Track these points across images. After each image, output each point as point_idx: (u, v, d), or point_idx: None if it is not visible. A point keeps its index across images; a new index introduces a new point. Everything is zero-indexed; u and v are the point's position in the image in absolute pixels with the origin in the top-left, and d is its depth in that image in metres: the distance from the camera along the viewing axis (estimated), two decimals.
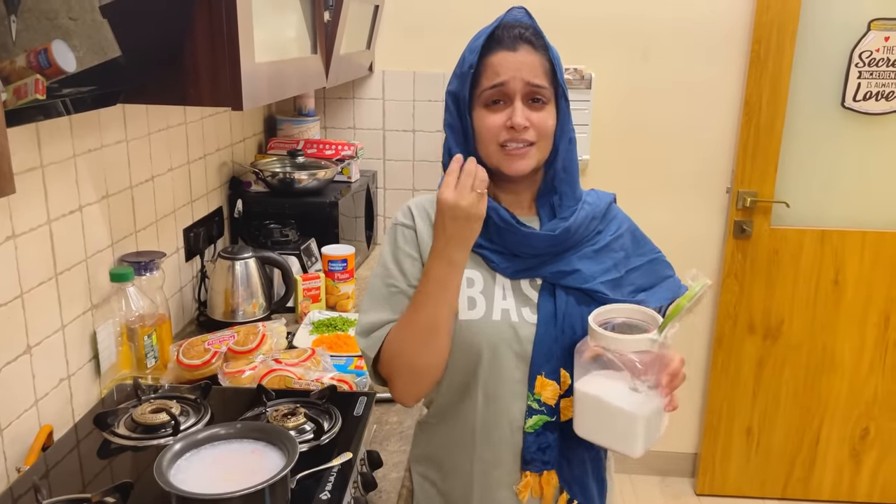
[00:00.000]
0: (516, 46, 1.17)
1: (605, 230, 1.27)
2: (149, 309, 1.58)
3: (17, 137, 1.26)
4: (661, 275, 1.29)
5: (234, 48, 1.25)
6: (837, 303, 2.73)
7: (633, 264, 1.27)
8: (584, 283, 1.20)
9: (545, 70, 1.17)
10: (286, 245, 2.12)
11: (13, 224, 1.26)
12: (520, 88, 1.16)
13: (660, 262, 1.31)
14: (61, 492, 1.10)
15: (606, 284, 1.22)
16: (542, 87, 1.16)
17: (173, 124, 1.85)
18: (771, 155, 2.61)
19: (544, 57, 1.18)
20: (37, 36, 1.11)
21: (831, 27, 2.53)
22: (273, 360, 1.56)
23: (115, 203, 1.59)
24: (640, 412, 1.09)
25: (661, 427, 1.15)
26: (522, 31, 1.18)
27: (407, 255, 1.23)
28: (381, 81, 2.67)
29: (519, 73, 1.16)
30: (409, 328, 1.17)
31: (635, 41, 2.60)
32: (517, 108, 1.15)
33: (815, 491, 2.91)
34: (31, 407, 1.34)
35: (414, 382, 1.21)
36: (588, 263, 1.22)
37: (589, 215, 1.24)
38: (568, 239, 1.21)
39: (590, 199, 1.26)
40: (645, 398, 1.10)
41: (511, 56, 1.16)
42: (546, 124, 1.18)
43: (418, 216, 1.26)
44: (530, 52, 1.17)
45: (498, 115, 1.17)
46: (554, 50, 1.20)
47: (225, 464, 1.07)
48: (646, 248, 1.30)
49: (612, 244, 1.26)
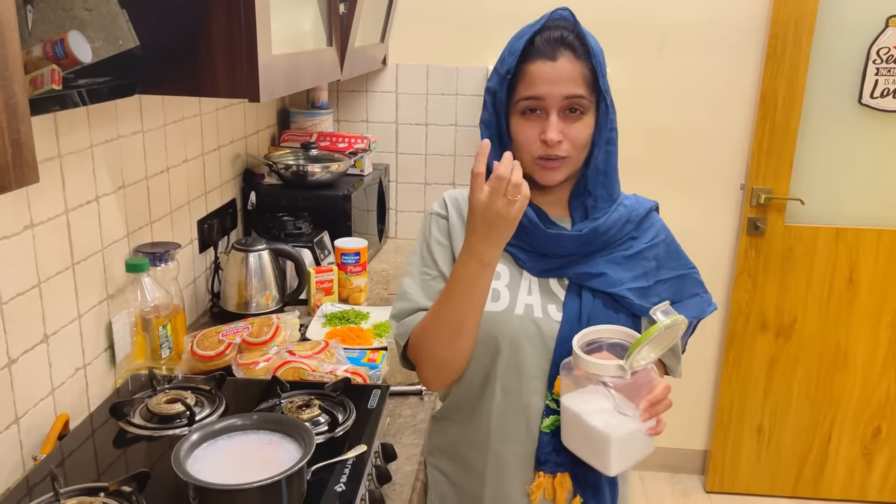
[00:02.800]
0: (556, 55, 1.13)
1: (641, 237, 1.24)
2: (163, 300, 1.59)
3: (37, 127, 1.26)
4: (687, 292, 1.27)
5: (251, 40, 1.25)
6: (851, 301, 2.71)
7: (662, 276, 1.24)
8: (610, 287, 1.20)
9: (585, 79, 1.14)
10: (299, 237, 2.12)
11: (31, 213, 1.27)
12: (556, 102, 1.14)
13: (690, 278, 1.28)
14: (77, 480, 1.11)
15: (634, 291, 1.21)
16: (580, 97, 1.14)
17: (188, 115, 1.86)
18: (786, 152, 2.59)
19: (585, 64, 1.14)
20: (52, 26, 1.12)
21: (848, 24, 2.51)
22: (287, 352, 1.57)
23: (130, 194, 1.59)
24: (614, 433, 1.09)
25: (643, 449, 1.14)
26: (565, 36, 1.15)
27: (439, 243, 1.27)
28: (394, 74, 2.67)
29: (556, 86, 1.13)
30: (435, 322, 1.18)
31: (650, 37, 2.59)
32: (552, 123, 1.13)
33: (826, 490, 2.90)
34: (47, 396, 1.34)
35: (439, 372, 1.23)
36: (616, 268, 1.21)
37: (622, 218, 1.22)
38: (596, 240, 1.20)
39: (627, 202, 1.24)
40: (625, 420, 1.10)
41: (549, 67, 1.13)
42: (581, 137, 1.16)
43: (452, 208, 1.28)
44: (570, 61, 1.14)
45: (533, 127, 1.15)
46: (598, 53, 1.16)
47: (241, 455, 1.07)
48: (678, 262, 1.28)
49: (644, 252, 1.24)
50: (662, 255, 1.25)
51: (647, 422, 1.09)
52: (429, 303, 1.22)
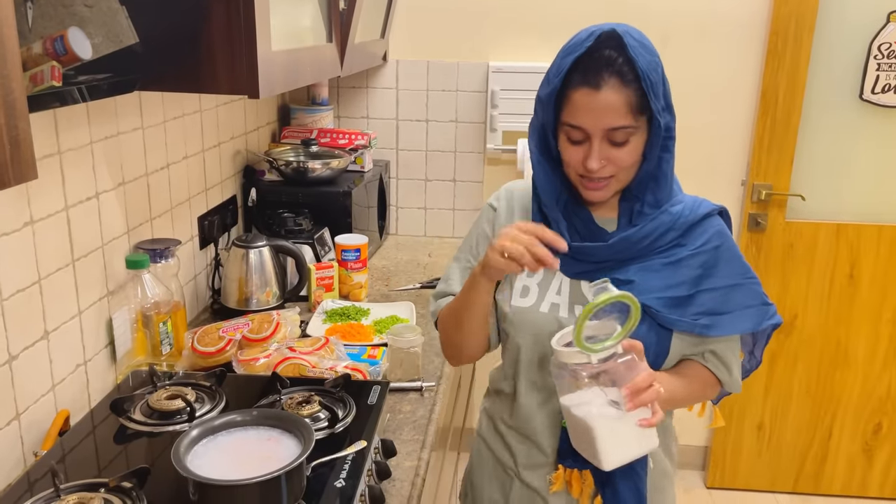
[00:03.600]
0: (600, 83, 1.08)
1: (688, 244, 1.20)
2: (164, 296, 1.59)
3: (36, 124, 1.26)
4: (739, 302, 1.21)
5: (250, 36, 1.25)
6: (852, 297, 2.71)
7: (709, 285, 1.19)
8: (637, 295, 1.14)
9: (631, 106, 1.09)
10: (299, 234, 2.13)
11: (31, 210, 1.27)
12: (598, 132, 1.11)
13: (744, 288, 1.22)
14: (78, 476, 1.11)
15: (663, 301, 1.17)
16: (625, 127, 1.10)
17: (188, 112, 1.86)
18: (787, 147, 2.59)
19: (633, 90, 1.09)
20: (53, 23, 1.12)
21: (850, 19, 2.50)
22: (287, 349, 1.57)
23: (130, 190, 1.59)
24: (597, 424, 1.07)
25: (641, 442, 1.11)
26: (612, 59, 1.09)
27: (484, 234, 1.32)
28: (394, 71, 2.67)
29: (598, 118, 1.10)
30: (451, 308, 1.29)
31: (651, 33, 2.56)
32: (594, 152, 1.11)
33: (827, 486, 2.90)
34: (48, 392, 1.35)
35: (453, 352, 1.35)
36: (649, 276, 1.18)
37: (663, 226, 1.18)
38: (628, 248, 1.18)
39: (676, 208, 1.20)
40: (612, 411, 1.08)
41: (593, 97, 1.09)
42: (626, 161, 1.13)
43: (504, 199, 1.31)
44: (616, 90, 1.08)
45: (577, 151, 1.14)
46: (649, 75, 1.10)
47: (241, 450, 1.08)
48: (732, 271, 1.22)
49: (687, 260, 1.19)
50: (711, 263, 1.20)
51: (634, 412, 1.07)
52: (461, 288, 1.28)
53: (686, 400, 1.27)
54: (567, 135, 1.15)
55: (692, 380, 1.25)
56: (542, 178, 1.20)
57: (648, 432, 1.11)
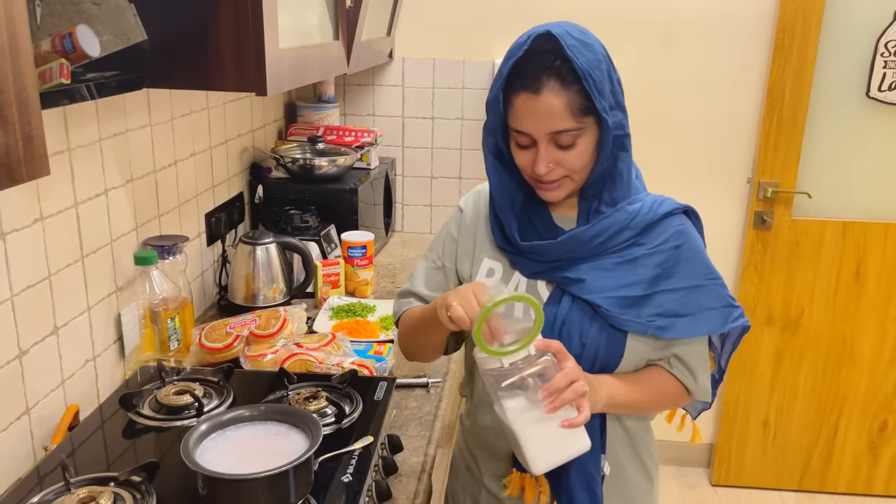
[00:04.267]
0: (540, 87, 1.07)
1: (646, 243, 1.17)
2: (172, 292, 1.60)
3: (46, 121, 1.26)
4: (700, 304, 1.17)
5: (258, 34, 1.26)
6: (858, 295, 2.71)
7: (667, 286, 1.16)
8: (587, 293, 1.15)
9: (573, 109, 1.07)
10: (306, 231, 2.13)
11: (41, 206, 1.28)
12: (543, 137, 1.10)
13: (706, 290, 1.17)
14: (88, 470, 1.12)
15: (615, 301, 1.14)
16: (569, 130, 1.09)
17: (196, 109, 1.87)
18: (793, 145, 2.59)
19: (575, 91, 1.07)
20: (61, 20, 1.12)
21: (857, 16, 2.50)
22: (294, 345, 1.58)
23: (139, 187, 1.60)
24: (521, 428, 1.05)
25: (570, 444, 1.08)
26: (549, 63, 1.07)
27: (450, 236, 1.30)
28: (400, 68, 2.67)
29: (540, 123, 1.08)
30: (411, 319, 1.28)
31: (657, 30, 2.58)
32: (540, 157, 1.11)
33: (832, 483, 2.90)
34: (57, 387, 1.36)
35: (408, 353, 1.35)
36: (600, 275, 1.15)
37: (617, 224, 1.16)
38: (580, 247, 1.16)
39: (633, 207, 1.17)
40: (536, 414, 1.05)
41: (533, 102, 1.08)
42: (576, 163, 1.12)
43: (472, 201, 1.30)
44: (555, 93, 1.07)
45: (527, 155, 1.14)
46: (591, 73, 1.07)
47: (249, 445, 1.08)
48: (694, 272, 1.17)
49: (644, 259, 1.16)
50: (671, 264, 1.16)
51: (558, 413, 1.04)
52: (424, 289, 1.29)
53: (642, 405, 1.21)
54: (515, 139, 1.14)
55: (648, 385, 1.20)
56: (496, 182, 1.20)
57: (577, 433, 1.07)
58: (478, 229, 1.27)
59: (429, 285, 1.30)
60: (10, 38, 0.65)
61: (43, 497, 1.05)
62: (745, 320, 1.20)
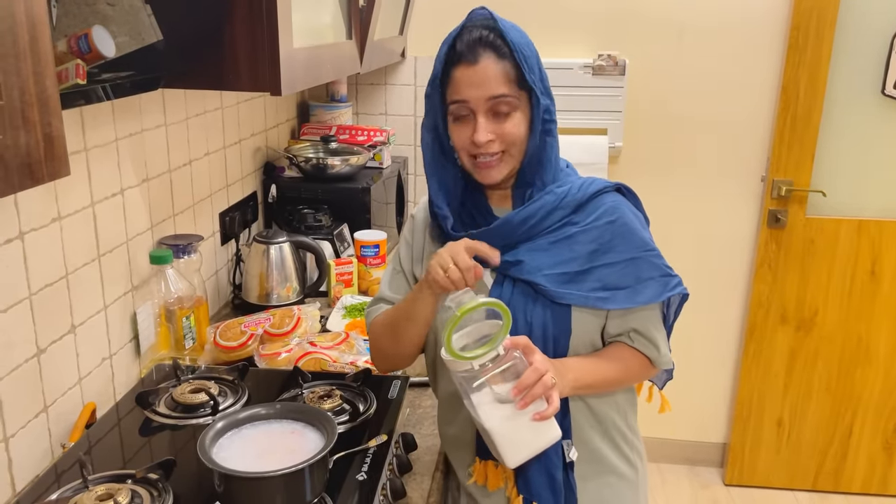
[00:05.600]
0: (477, 57, 1.14)
1: (579, 221, 1.21)
2: (187, 291, 1.61)
3: (63, 121, 1.28)
4: (639, 276, 1.20)
5: (272, 33, 1.26)
6: (874, 294, 2.69)
7: (605, 260, 1.19)
8: (526, 274, 1.18)
9: (509, 77, 1.14)
10: (319, 230, 2.14)
11: (59, 206, 1.29)
12: (481, 104, 1.15)
13: (642, 261, 1.20)
14: (105, 468, 1.13)
15: (552, 278, 1.18)
16: (506, 96, 1.14)
17: (210, 109, 1.88)
18: (808, 143, 2.57)
19: (509, 62, 1.14)
20: (76, 21, 1.13)
21: (871, 13, 2.48)
22: (308, 343, 1.58)
23: (154, 187, 1.61)
24: (494, 425, 1.07)
25: (541, 436, 1.10)
26: (484, 36, 1.15)
27: (406, 241, 1.34)
28: (412, 67, 2.67)
29: (479, 89, 1.14)
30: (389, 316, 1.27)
31: (670, 27, 2.57)
32: (479, 126, 1.15)
33: (847, 483, 2.88)
34: (74, 385, 1.37)
35: (381, 358, 1.32)
36: (536, 255, 1.19)
37: (547, 205, 1.19)
38: (514, 231, 1.19)
39: (561, 189, 1.21)
40: (508, 409, 1.07)
41: (471, 71, 1.14)
42: (513, 133, 1.16)
43: (422, 207, 1.33)
44: (492, 62, 1.14)
45: (465, 129, 1.17)
46: (522, 47, 1.15)
47: (265, 443, 1.09)
48: (630, 245, 1.20)
49: (579, 236, 1.20)
50: (607, 238, 1.20)
51: (528, 408, 1.07)
52: (390, 293, 1.32)
53: (609, 382, 1.23)
54: (453, 115, 1.18)
55: (612, 361, 1.23)
56: (435, 177, 1.23)
57: (547, 423, 1.10)
58: (425, 232, 1.30)
59: (392, 288, 1.33)
60: (31, 41, 0.66)
61: (61, 494, 1.06)
62: (682, 288, 1.23)
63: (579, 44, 2.58)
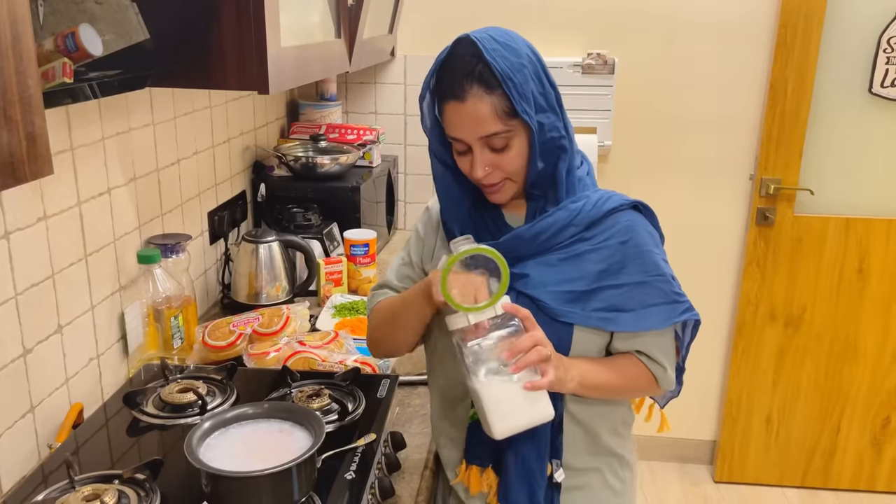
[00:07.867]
0: (464, 94, 1.09)
1: (591, 239, 1.18)
2: (175, 291, 1.60)
3: (49, 120, 1.27)
4: (642, 301, 1.17)
5: (260, 32, 1.26)
6: (861, 292, 2.71)
7: (613, 281, 1.17)
8: (529, 289, 1.16)
9: (498, 113, 1.09)
10: (308, 229, 2.14)
11: (45, 205, 1.29)
12: (475, 142, 1.12)
13: (651, 287, 1.18)
14: (92, 468, 1.13)
15: (556, 295, 1.16)
16: (498, 133, 1.10)
17: (198, 108, 1.87)
18: (796, 141, 2.58)
19: (499, 94, 1.09)
20: (64, 20, 1.12)
21: (859, 12, 2.49)
22: (297, 343, 1.58)
23: (142, 186, 1.61)
24: (483, 388, 1.07)
25: (531, 409, 1.08)
26: (471, 70, 1.09)
27: (417, 234, 1.34)
28: (402, 66, 2.67)
29: (470, 129, 1.11)
30: (390, 304, 1.29)
31: (659, 26, 2.58)
32: (476, 162, 1.13)
33: (835, 480, 2.90)
34: (61, 385, 1.36)
35: (378, 344, 1.34)
36: (543, 270, 1.17)
37: (560, 222, 1.17)
38: (523, 245, 1.18)
39: (576, 205, 1.18)
40: (499, 376, 1.07)
41: (460, 109, 1.10)
42: (512, 164, 1.14)
43: (437, 202, 1.31)
44: (480, 97, 1.08)
45: (466, 160, 1.16)
46: (512, 77, 1.08)
47: (253, 442, 1.09)
48: (640, 268, 1.18)
49: (589, 254, 1.17)
50: (618, 259, 1.17)
51: (522, 376, 1.06)
52: (396, 282, 1.33)
53: (614, 388, 1.21)
54: (453, 146, 1.17)
55: (619, 369, 1.21)
56: (442, 189, 1.23)
57: (539, 399, 1.08)
58: (438, 230, 1.30)
59: (398, 278, 1.34)
60: (13, 39, 0.65)
61: (47, 495, 1.05)
62: (690, 314, 1.21)
63: (568, 43, 2.58)
